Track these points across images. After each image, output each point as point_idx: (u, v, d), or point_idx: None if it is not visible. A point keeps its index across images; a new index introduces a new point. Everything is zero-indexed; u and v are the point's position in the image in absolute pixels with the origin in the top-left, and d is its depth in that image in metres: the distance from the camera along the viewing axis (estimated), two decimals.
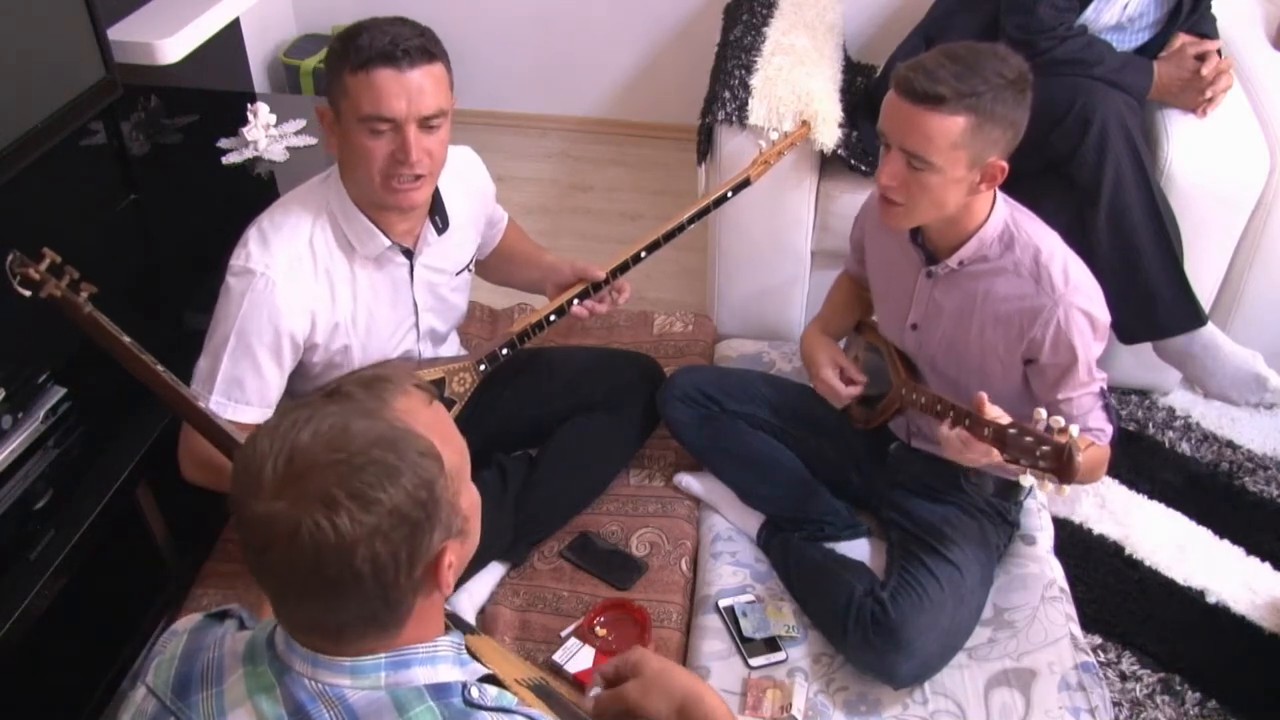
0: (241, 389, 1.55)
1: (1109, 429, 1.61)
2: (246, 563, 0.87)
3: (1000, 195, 1.59)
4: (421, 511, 0.85)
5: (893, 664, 1.57)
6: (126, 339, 1.34)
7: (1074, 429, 1.32)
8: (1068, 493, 1.36)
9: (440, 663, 0.91)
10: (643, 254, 1.81)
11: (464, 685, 0.90)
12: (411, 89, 1.45)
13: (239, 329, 1.52)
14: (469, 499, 0.94)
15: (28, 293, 1.37)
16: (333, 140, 1.54)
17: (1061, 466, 1.32)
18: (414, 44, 1.45)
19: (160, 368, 1.36)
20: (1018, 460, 1.38)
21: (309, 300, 1.56)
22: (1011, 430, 1.38)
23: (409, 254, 1.66)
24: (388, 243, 1.61)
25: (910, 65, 1.46)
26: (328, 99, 1.52)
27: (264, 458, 0.83)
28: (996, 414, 1.43)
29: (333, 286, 1.59)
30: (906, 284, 1.71)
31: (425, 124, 1.48)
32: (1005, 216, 1.58)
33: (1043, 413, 1.36)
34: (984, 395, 1.44)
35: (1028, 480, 1.36)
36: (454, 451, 0.91)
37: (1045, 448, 1.33)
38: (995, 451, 1.41)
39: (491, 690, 0.91)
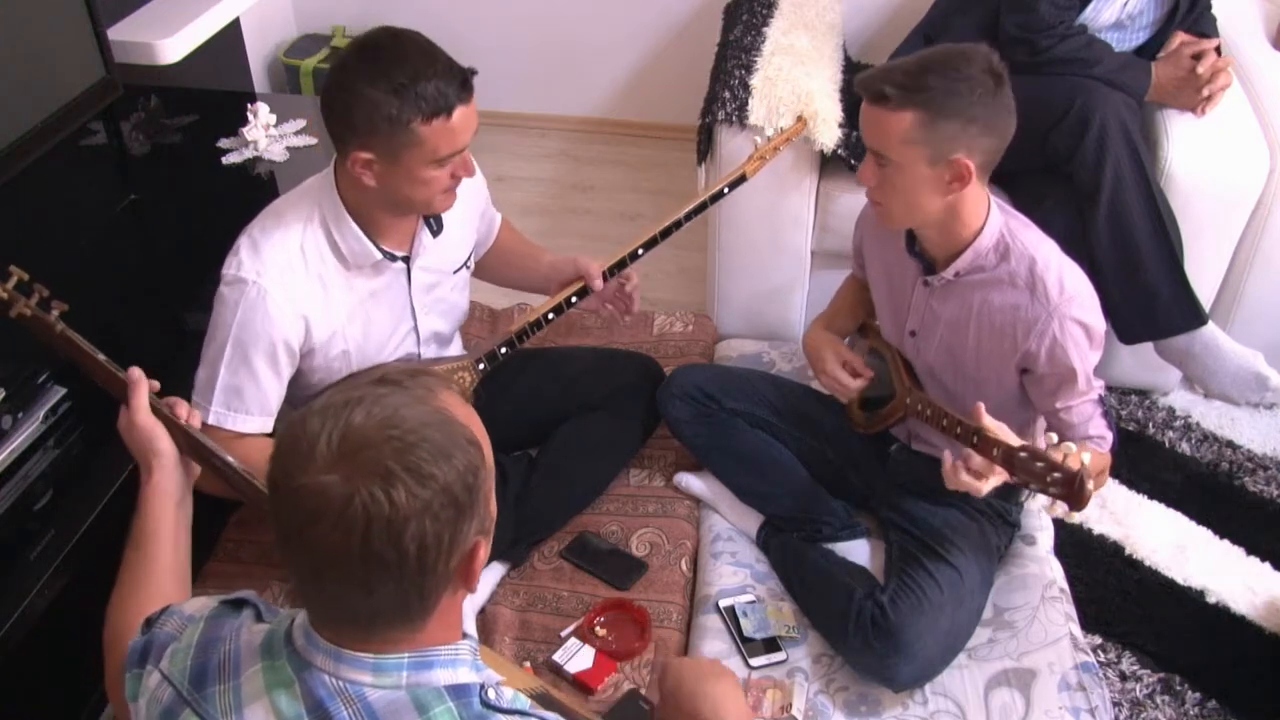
0: (240, 398, 1.55)
1: (1109, 436, 1.61)
2: (279, 546, 0.87)
3: (996, 203, 1.58)
4: (467, 496, 0.86)
5: (893, 667, 1.57)
6: (101, 356, 1.30)
7: (1085, 457, 1.31)
8: (1077, 519, 1.34)
9: (460, 665, 0.91)
10: (640, 251, 1.82)
11: (481, 687, 0.90)
12: (473, 114, 1.49)
13: (234, 338, 1.52)
14: (493, 508, 0.95)
15: None
16: (368, 176, 1.49)
17: (1073, 494, 1.31)
18: (465, 72, 1.46)
19: (123, 376, 1.29)
20: (1027, 485, 1.37)
21: (302, 306, 1.56)
22: (1022, 454, 1.36)
23: (405, 259, 1.66)
24: (378, 255, 1.60)
25: (874, 69, 1.52)
26: (365, 149, 1.46)
27: (315, 435, 0.84)
28: (994, 426, 1.42)
29: (327, 291, 1.59)
30: (905, 292, 1.71)
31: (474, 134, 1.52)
32: (1000, 226, 1.57)
33: (1054, 436, 1.35)
34: (981, 406, 1.44)
35: (1036, 503, 1.35)
36: (487, 451, 0.93)
37: (1056, 474, 1.32)
38: (1001, 473, 1.41)
39: (507, 692, 0.92)
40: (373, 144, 1.46)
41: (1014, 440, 1.40)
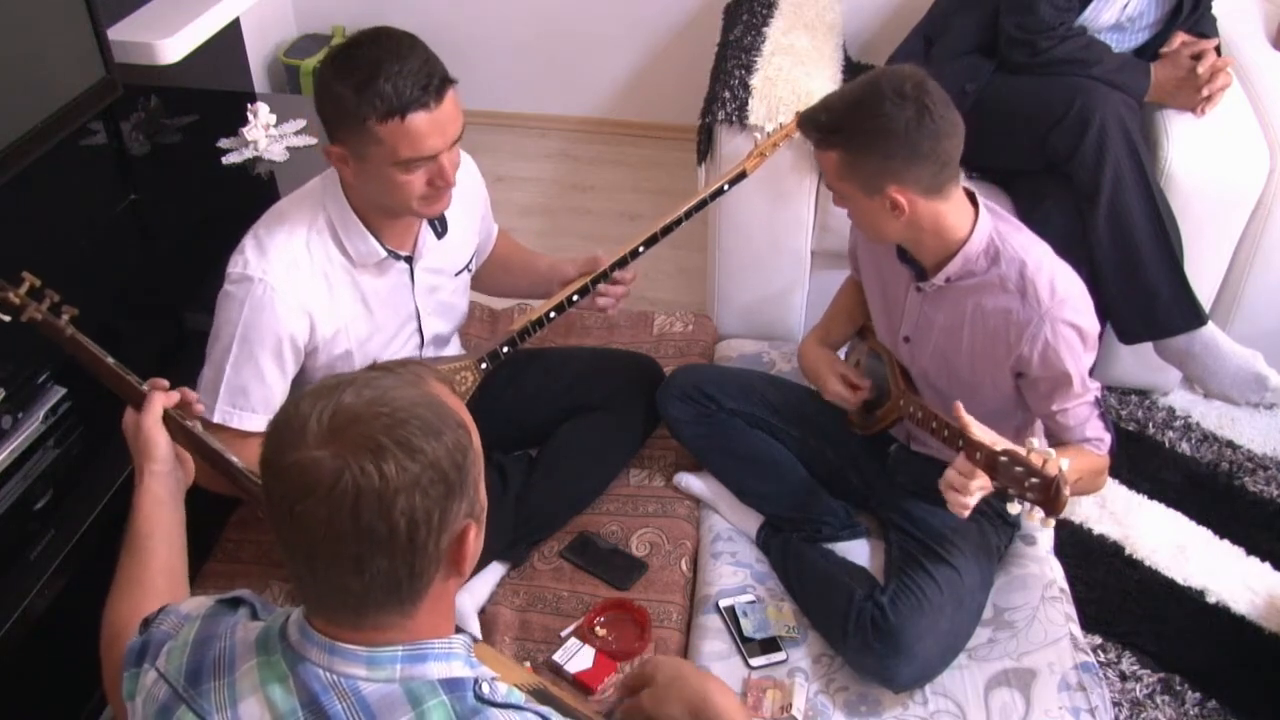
0: (246, 397, 1.55)
1: (1107, 437, 1.61)
2: (273, 527, 0.88)
3: (986, 206, 1.58)
4: (457, 474, 0.87)
5: (893, 668, 1.57)
6: (110, 360, 1.31)
7: (1064, 463, 1.32)
8: (1052, 525, 1.35)
9: (454, 659, 0.92)
10: (641, 249, 1.81)
11: (475, 680, 0.91)
12: (444, 122, 1.45)
13: (240, 336, 1.52)
14: (483, 495, 0.95)
15: (7, 318, 1.33)
16: (346, 171, 1.50)
17: (1048, 500, 1.32)
18: (437, 77, 1.43)
19: (145, 387, 1.30)
20: (1007, 489, 1.38)
21: (307, 303, 1.56)
22: (1003, 458, 1.37)
23: (409, 259, 1.66)
24: (383, 253, 1.61)
25: (813, 104, 1.58)
26: (338, 143, 1.47)
27: (306, 415, 0.86)
28: (972, 423, 1.42)
29: (331, 290, 1.59)
30: (898, 298, 1.71)
31: (452, 144, 1.49)
32: (990, 230, 1.57)
33: (1034, 441, 1.36)
34: (959, 405, 1.45)
35: (1015, 508, 1.37)
36: (475, 439, 0.94)
37: (1034, 479, 1.33)
38: (987, 482, 1.42)
39: (501, 687, 0.92)
40: (341, 139, 1.47)
41: (997, 444, 1.41)
